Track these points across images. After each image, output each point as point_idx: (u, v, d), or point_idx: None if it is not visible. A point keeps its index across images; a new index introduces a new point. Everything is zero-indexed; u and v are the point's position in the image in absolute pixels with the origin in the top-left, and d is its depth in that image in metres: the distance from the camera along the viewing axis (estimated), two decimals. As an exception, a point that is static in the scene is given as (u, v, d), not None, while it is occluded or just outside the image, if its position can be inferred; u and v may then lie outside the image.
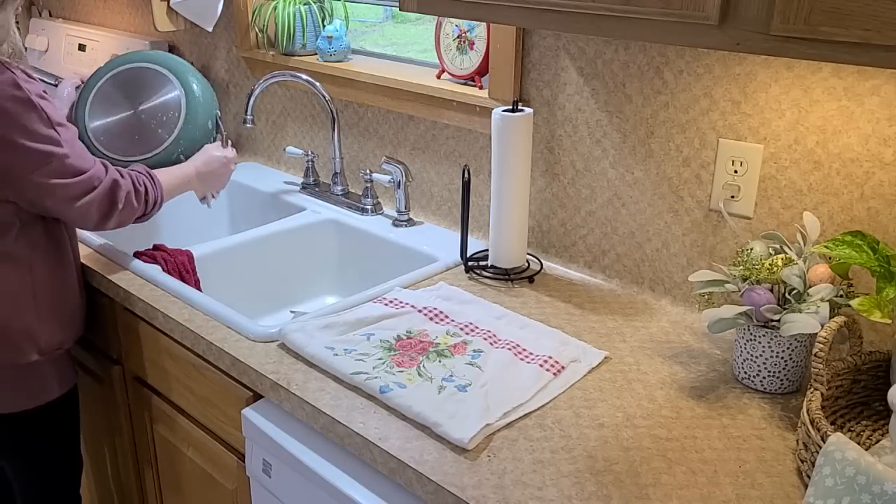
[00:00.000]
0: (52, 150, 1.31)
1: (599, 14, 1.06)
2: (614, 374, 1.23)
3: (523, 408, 1.13)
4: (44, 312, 1.44)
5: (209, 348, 1.32)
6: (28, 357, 1.43)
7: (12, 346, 1.41)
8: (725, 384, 1.21)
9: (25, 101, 1.27)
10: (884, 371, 1.14)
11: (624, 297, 1.49)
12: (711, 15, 0.95)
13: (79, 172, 1.36)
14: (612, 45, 1.42)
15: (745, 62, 1.27)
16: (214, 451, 1.43)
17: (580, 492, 0.98)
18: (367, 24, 2.96)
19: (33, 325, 1.43)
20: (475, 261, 1.60)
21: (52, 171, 1.32)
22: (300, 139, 2.12)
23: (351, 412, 1.13)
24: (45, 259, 1.43)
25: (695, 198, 1.39)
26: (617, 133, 1.46)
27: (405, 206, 1.81)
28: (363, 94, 1.87)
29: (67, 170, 1.34)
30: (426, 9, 1.30)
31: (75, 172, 1.35)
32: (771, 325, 1.15)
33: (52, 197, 1.34)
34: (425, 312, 1.37)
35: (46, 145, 1.30)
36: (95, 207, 1.39)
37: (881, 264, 1.07)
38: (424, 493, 1.01)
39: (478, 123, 1.66)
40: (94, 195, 1.38)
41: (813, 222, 1.19)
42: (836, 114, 1.20)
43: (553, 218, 1.61)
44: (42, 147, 1.30)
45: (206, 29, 2.16)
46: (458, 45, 1.70)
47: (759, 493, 0.98)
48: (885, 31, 0.83)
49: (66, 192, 1.35)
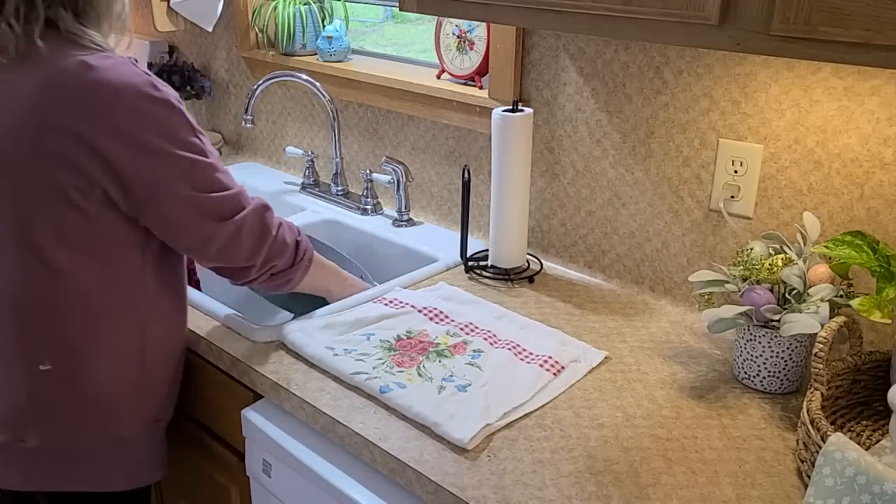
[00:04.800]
0: (199, 158, 1.11)
1: (599, 14, 1.06)
2: (614, 374, 1.23)
3: (523, 408, 1.13)
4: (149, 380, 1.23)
5: (209, 348, 1.32)
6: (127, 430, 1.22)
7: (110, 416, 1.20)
8: (725, 384, 1.21)
9: (165, 104, 1.08)
10: (884, 371, 1.14)
11: (624, 297, 1.49)
12: (711, 15, 0.95)
13: (226, 187, 1.15)
14: (612, 45, 1.42)
15: (745, 62, 1.27)
16: (214, 451, 1.43)
17: (580, 492, 0.98)
18: (367, 24, 2.96)
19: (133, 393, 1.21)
20: (475, 261, 1.60)
21: (199, 182, 1.11)
22: (300, 139, 2.12)
23: (351, 412, 1.13)
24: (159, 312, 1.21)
25: (695, 198, 1.39)
26: (617, 133, 1.46)
27: (405, 206, 1.81)
28: (363, 94, 1.87)
29: (214, 184, 1.13)
30: (426, 9, 1.30)
31: (223, 187, 1.14)
32: (771, 325, 1.15)
33: (199, 214, 1.12)
34: (425, 312, 1.37)
35: (193, 154, 1.10)
36: (247, 231, 1.17)
37: (881, 264, 1.07)
38: (424, 493, 1.01)
39: (478, 123, 1.66)
40: (247, 213, 1.17)
41: (813, 222, 1.19)
42: (836, 114, 1.20)
43: (553, 218, 1.61)
44: (188, 155, 1.10)
45: (206, 29, 2.16)
46: (458, 45, 1.70)
47: (759, 493, 0.98)
48: (885, 31, 0.83)
49: (215, 207, 1.13)
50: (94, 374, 1.16)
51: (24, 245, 1.09)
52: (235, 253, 1.19)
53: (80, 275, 1.11)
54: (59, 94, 1.04)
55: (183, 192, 1.11)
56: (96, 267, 1.12)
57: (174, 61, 2.38)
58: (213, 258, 1.19)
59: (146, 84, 1.08)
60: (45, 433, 1.17)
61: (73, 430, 1.18)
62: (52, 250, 1.09)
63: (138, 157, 1.07)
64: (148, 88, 1.07)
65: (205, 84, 2.28)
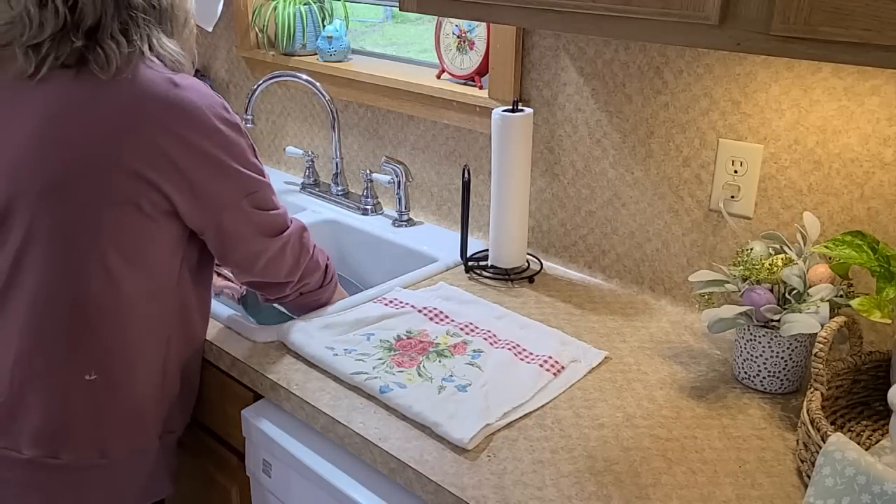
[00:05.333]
0: (260, 179, 1.20)
1: (599, 14, 1.06)
2: (614, 374, 1.23)
3: (523, 408, 1.13)
4: (168, 392, 1.25)
5: (209, 348, 1.32)
6: (147, 443, 1.23)
7: (139, 429, 1.21)
8: (725, 384, 1.21)
9: (235, 126, 1.16)
10: (884, 371, 1.14)
11: (624, 297, 1.49)
12: (711, 15, 0.95)
13: (276, 206, 1.25)
14: (612, 45, 1.42)
15: (745, 62, 1.27)
16: (214, 450, 1.43)
17: (580, 492, 0.98)
18: (367, 24, 2.96)
19: (154, 405, 1.22)
20: (475, 261, 1.60)
21: (258, 200, 1.20)
22: (300, 139, 2.12)
23: (351, 412, 1.13)
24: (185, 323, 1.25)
25: (695, 198, 1.39)
26: (617, 133, 1.46)
27: (405, 206, 1.81)
28: (363, 94, 1.88)
29: (269, 202, 1.22)
30: (426, 9, 1.30)
31: (274, 206, 1.24)
32: (771, 325, 1.15)
33: (255, 230, 1.20)
34: (425, 312, 1.37)
35: (255, 174, 1.19)
36: (290, 248, 1.26)
37: (881, 264, 1.07)
38: (424, 493, 1.01)
39: (478, 123, 1.66)
40: (291, 231, 1.26)
41: (813, 222, 1.19)
42: (836, 114, 1.20)
43: (553, 218, 1.61)
44: (252, 175, 1.19)
45: (206, 29, 2.16)
46: (458, 45, 1.70)
47: (759, 493, 0.98)
48: (885, 31, 0.83)
49: (268, 224, 1.22)
50: (130, 386, 1.18)
51: (90, 249, 1.11)
52: (279, 269, 1.27)
53: (132, 283, 1.14)
54: (148, 108, 1.09)
55: (245, 209, 1.18)
56: (143, 277, 1.15)
57: (174, 61, 2.38)
58: (259, 273, 1.26)
59: (221, 106, 1.15)
60: (81, 448, 1.17)
61: (106, 444, 1.18)
62: (114, 257, 1.12)
63: (212, 173, 1.13)
64: (222, 111, 1.15)
65: (205, 84, 2.28)
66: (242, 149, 1.17)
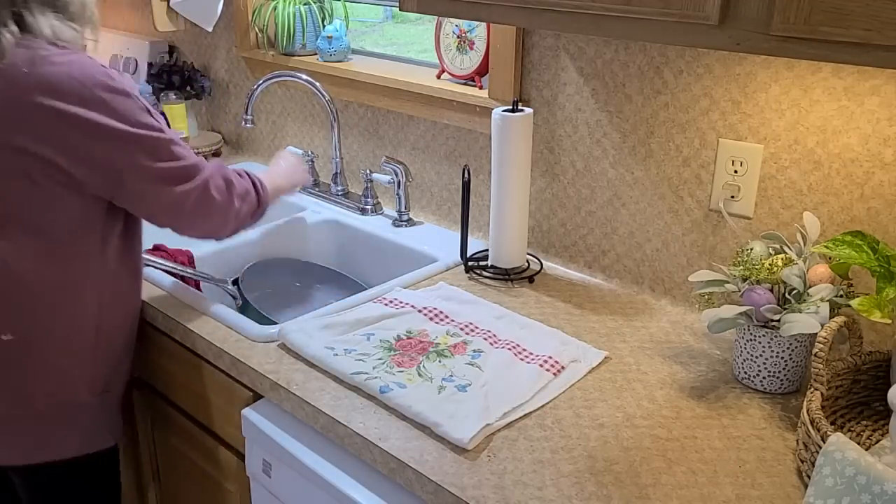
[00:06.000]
0: (156, 135, 1.23)
1: (599, 14, 1.06)
2: (614, 374, 1.23)
3: (523, 408, 1.13)
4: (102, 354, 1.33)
5: (209, 348, 1.33)
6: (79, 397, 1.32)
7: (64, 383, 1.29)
8: (725, 384, 1.21)
9: (120, 91, 1.20)
10: (884, 371, 1.14)
11: (624, 297, 1.49)
12: (711, 15, 0.95)
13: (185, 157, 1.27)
14: (612, 45, 1.42)
15: (745, 62, 1.27)
16: (214, 451, 1.43)
17: (580, 492, 0.98)
18: (367, 24, 2.96)
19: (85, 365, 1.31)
20: (475, 261, 1.60)
21: (159, 154, 1.23)
22: (300, 139, 2.12)
23: (351, 412, 1.13)
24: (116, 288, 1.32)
25: (695, 198, 1.39)
26: (617, 133, 1.46)
27: (405, 206, 1.81)
28: (363, 94, 1.88)
29: (171, 154, 1.24)
30: (426, 9, 1.30)
31: (182, 156, 1.26)
32: (771, 325, 1.15)
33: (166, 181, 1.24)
34: (425, 312, 1.37)
35: (149, 131, 1.22)
36: (213, 186, 1.29)
37: (881, 264, 1.07)
38: (424, 493, 1.01)
39: (478, 123, 1.66)
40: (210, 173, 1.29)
41: (813, 222, 1.19)
42: (836, 114, 1.20)
43: (553, 218, 1.61)
44: (146, 133, 1.21)
45: (206, 29, 2.16)
46: (458, 45, 1.70)
47: (759, 493, 0.98)
48: (885, 31, 0.83)
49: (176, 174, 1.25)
50: (52, 345, 1.27)
51: None
52: (208, 210, 1.31)
53: (39, 252, 1.22)
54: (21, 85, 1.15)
55: (145, 164, 1.22)
56: (53, 245, 1.23)
57: (174, 61, 2.38)
58: (190, 220, 1.31)
59: (103, 74, 1.20)
60: (7, 400, 1.27)
61: (32, 398, 1.28)
62: (14, 228, 1.20)
63: (95, 139, 1.18)
64: (104, 78, 1.19)
65: (205, 84, 2.29)
66: (132, 111, 1.21)
